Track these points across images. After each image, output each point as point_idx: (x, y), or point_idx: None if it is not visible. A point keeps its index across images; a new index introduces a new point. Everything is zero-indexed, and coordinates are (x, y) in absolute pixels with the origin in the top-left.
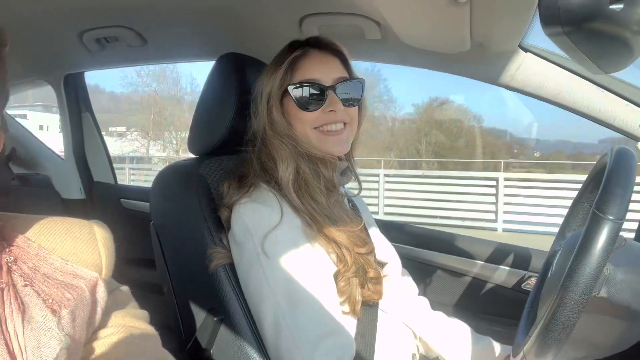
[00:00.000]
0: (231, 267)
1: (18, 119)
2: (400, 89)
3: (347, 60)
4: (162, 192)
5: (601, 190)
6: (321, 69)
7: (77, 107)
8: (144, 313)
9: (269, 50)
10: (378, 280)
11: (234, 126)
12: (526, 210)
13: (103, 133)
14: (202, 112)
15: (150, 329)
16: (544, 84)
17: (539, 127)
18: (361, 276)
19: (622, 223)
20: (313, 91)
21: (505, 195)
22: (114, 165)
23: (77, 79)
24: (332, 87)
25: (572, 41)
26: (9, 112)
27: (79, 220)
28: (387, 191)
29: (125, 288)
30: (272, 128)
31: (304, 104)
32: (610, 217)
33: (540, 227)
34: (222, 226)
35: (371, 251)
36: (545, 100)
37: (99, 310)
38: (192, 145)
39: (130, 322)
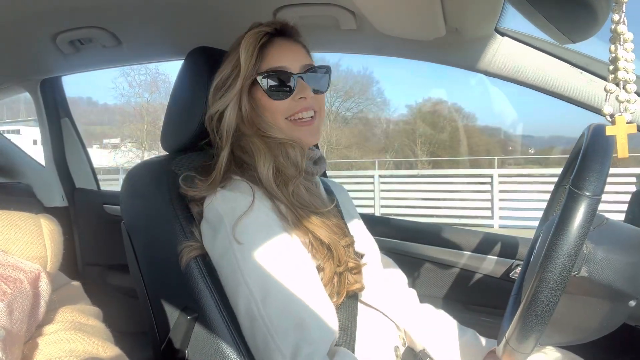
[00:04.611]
0: (204, 262)
1: (11, 135)
2: (393, 91)
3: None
4: (132, 190)
5: (577, 167)
6: (288, 57)
7: (55, 112)
8: (96, 310)
9: None
10: (358, 269)
11: (206, 121)
12: (522, 206)
13: (97, 145)
14: (173, 109)
15: (101, 326)
16: (522, 67)
17: (532, 123)
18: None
19: (600, 199)
20: (283, 79)
21: (501, 191)
22: (109, 177)
23: (54, 83)
24: (301, 75)
25: (532, 3)
26: (2, 127)
27: (26, 213)
28: (382, 192)
29: (76, 283)
30: (243, 121)
31: (274, 93)
32: (587, 194)
33: (537, 221)
34: (194, 222)
35: (350, 243)
36: (524, 84)
37: (43, 303)
38: (165, 142)
39: (78, 318)
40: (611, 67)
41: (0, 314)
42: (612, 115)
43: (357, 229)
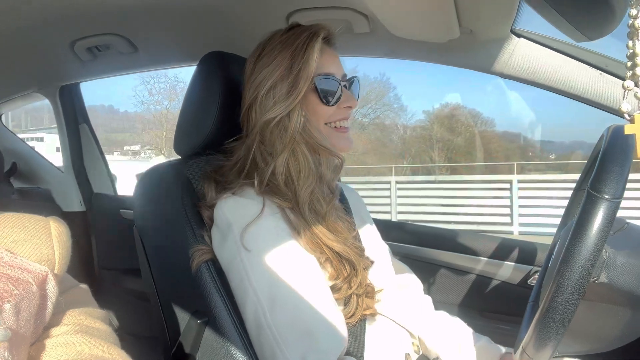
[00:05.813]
0: (214, 266)
1: (35, 142)
2: (410, 97)
3: None
4: (145, 194)
5: (596, 169)
6: (335, 64)
7: (74, 118)
8: (103, 313)
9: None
10: (372, 294)
11: (219, 126)
12: (542, 212)
13: (117, 152)
14: (186, 113)
15: (108, 329)
16: (539, 69)
17: (553, 128)
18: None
19: (620, 202)
20: (333, 86)
21: (520, 197)
22: None
23: (72, 90)
24: (347, 84)
25: (548, 1)
26: (26, 135)
27: (35, 216)
28: (399, 198)
29: (84, 286)
30: (290, 123)
31: (326, 97)
32: (606, 196)
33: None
34: (205, 226)
35: (368, 266)
36: (541, 86)
37: (50, 305)
38: (177, 146)
39: (86, 321)
40: (629, 64)
41: (7, 314)
42: (630, 114)
43: (369, 235)
